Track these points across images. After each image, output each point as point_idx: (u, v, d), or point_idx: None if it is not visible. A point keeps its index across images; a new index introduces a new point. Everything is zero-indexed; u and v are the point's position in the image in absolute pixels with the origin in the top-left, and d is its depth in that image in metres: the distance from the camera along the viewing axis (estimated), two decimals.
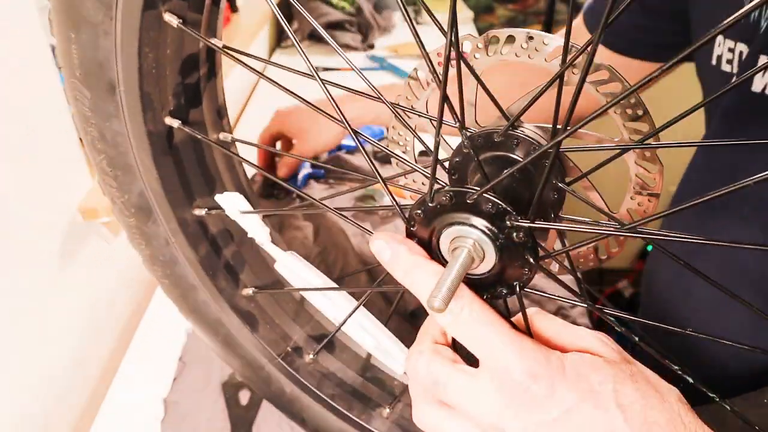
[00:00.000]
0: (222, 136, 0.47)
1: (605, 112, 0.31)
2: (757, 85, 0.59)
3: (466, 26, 2.10)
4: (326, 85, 0.37)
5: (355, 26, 1.88)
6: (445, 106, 0.33)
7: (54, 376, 0.80)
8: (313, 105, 0.38)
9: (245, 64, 0.39)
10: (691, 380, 0.36)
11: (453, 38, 0.31)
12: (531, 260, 0.34)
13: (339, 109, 0.37)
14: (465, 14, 2.16)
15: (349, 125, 0.37)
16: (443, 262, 0.36)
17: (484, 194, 0.32)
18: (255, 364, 0.53)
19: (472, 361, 0.36)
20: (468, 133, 0.34)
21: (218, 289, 0.49)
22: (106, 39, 0.37)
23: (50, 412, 0.79)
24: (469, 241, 0.34)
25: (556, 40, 0.36)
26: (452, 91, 0.34)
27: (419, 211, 0.35)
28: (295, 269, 0.47)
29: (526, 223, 0.32)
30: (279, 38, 1.98)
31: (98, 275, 0.91)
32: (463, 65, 0.36)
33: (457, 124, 0.33)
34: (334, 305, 0.47)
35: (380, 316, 0.48)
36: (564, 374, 0.32)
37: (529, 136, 0.37)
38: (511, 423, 0.33)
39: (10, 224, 0.69)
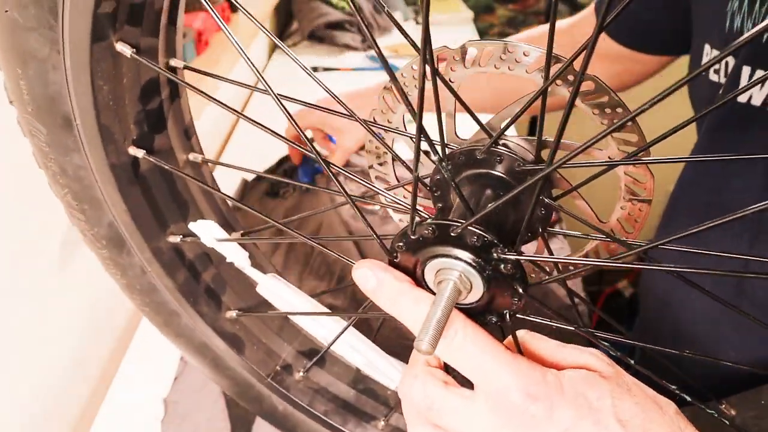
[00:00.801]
0: (191, 156, 0.45)
1: (595, 125, 0.30)
2: (743, 96, 0.58)
3: (466, 26, 2.05)
4: (281, 99, 0.34)
5: (355, 26, 1.85)
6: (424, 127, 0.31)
7: (54, 376, 0.80)
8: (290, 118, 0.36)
9: (195, 88, 0.37)
10: (688, 398, 0.35)
11: (428, 55, 0.29)
12: (520, 290, 0.32)
13: (297, 125, 0.35)
14: (465, 14, 2.10)
15: (313, 147, 0.35)
16: (430, 292, 0.34)
17: (469, 227, 0.31)
18: (245, 384, 0.52)
19: (465, 383, 0.35)
20: (447, 165, 0.32)
21: (200, 314, 0.48)
22: (56, 73, 0.35)
23: (50, 412, 0.79)
24: (455, 273, 0.32)
25: (536, 51, 0.33)
26: (430, 107, 0.32)
27: (401, 243, 0.33)
28: (277, 291, 0.46)
29: (513, 256, 0.31)
30: (279, 38, 1.93)
31: (98, 275, 0.89)
32: (438, 79, 0.34)
33: (436, 157, 0.31)
34: (321, 326, 0.46)
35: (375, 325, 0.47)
36: (562, 392, 0.31)
37: (513, 152, 0.35)
38: None
39: (10, 224, 0.68)
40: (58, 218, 0.78)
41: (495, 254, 0.31)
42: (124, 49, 0.35)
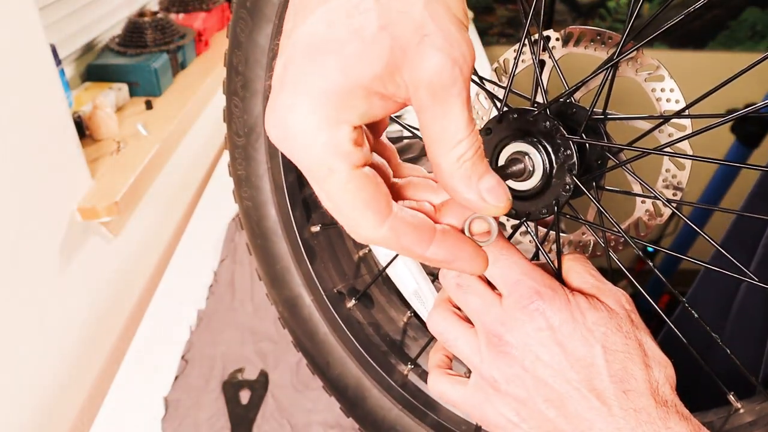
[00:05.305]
0: None
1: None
2: None
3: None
4: None
5: None
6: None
7: (54, 376, 0.80)
8: None
9: None
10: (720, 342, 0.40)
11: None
12: (572, 177, 0.41)
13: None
14: None
15: None
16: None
17: (543, 113, 0.41)
18: (299, 300, 0.58)
19: None
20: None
21: (293, 217, 0.57)
22: None
23: (50, 412, 0.80)
24: (523, 154, 0.42)
25: (617, 37, 0.46)
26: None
27: (489, 128, 0.43)
28: None
29: (575, 138, 0.40)
30: None
31: (98, 275, 0.92)
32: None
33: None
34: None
35: None
36: (567, 304, 0.36)
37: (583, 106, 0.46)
38: (511, 333, 0.37)
39: (10, 224, 0.71)
40: (58, 218, 0.83)
41: (559, 139, 0.41)
42: None
